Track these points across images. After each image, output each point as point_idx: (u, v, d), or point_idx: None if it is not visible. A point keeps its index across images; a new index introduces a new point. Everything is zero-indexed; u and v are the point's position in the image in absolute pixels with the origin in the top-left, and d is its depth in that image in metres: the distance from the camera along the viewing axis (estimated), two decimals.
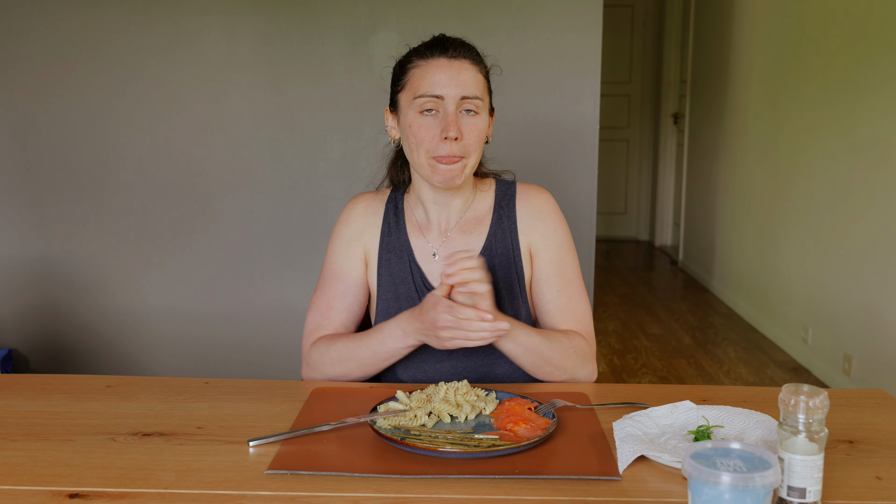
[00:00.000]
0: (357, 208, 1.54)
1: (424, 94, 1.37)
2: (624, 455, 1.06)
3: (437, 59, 1.38)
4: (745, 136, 4.73)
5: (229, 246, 2.97)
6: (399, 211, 1.53)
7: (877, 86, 3.14)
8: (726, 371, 3.78)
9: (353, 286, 1.49)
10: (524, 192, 1.52)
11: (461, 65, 1.38)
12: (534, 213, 1.49)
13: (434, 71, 1.37)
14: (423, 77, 1.38)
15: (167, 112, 2.89)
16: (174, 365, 3.04)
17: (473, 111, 1.38)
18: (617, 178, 7.14)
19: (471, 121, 1.38)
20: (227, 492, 1.00)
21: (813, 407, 0.92)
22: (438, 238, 1.50)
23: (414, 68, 1.40)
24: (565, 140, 2.84)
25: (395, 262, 1.49)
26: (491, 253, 1.47)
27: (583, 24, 2.77)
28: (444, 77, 1.37)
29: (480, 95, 1.39)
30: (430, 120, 1.38)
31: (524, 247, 1.49)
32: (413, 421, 1.17)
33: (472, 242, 1.49)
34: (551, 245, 1.48)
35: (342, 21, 2.81)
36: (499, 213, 1.50)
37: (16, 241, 2.97)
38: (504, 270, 1.47)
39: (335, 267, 1.51)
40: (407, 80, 1.41)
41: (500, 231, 1.49)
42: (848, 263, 3.40)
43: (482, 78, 1.41)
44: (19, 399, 1.32)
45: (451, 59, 1.38)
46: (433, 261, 1.49)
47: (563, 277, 1.47)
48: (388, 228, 1.51)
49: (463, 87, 1.37)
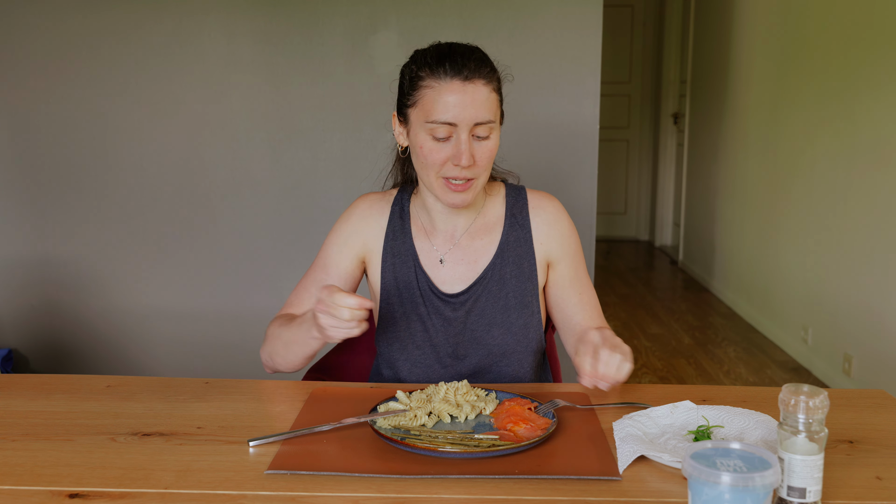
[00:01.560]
0: (362, 207, 1.53)
1: (436, 120, 1.32)
2: (624, 455, 1.06)
3: (451, 83, 1.32)
4: (745, 136, 4.73)
5: (229, 246, 2.97)
6: (405, 214, 1.52)
7: (877, 86, 3.14)
8: (726, 371, 3.78)
9: (335, 278, 1.49)
10: (537, 201, 1.51)
11: (475, 88, 1.33)
12: (550, 223, 1.50)
13: (447, 95, 1.32)
14: (436, 101, 1.32)
15: (167, 112, 2.89)
16: (174, 365, 3.04)
17: (486, 136, 1.35)
18: (617, 178, 7.14)
19: (483, 144, 1.35)
20: (227, 492, 1.00)
21: (813, 407, 0.92)
22: (446, 244, 1.49)
23: (426, 88, 1.34)
24: (565, 140, 2.84)
25: (399, 267, 1.48)
26: (503, 260, 1.47)
27: (583, 24, 2.77)
28: (457, 103, 1.32)
29: (493, 117, 1.35)
30: (441, 145, 1.34)
31: (540, 256, 1.49)
32: (413, 421, 1.17)
33: (482, 249, 1.48)
34: (568, 253, 1.50)
35: (342, 21, 2.81)
36: (511, 221, 1.49)
37: (16, 241, 2.97)
38: (516, 279, 1.47)
39: (324, 256, 1.51)
40: (418, 98, 1.36)
41: (512, 239, 1.48)
42: (848, 263, 3.40)
43: (495, 95, 1.37)
44: (19, 399, 1.32)
45: (465, 82, 1.32)
46: (440, 266, 1.48)
47: (580, 281, 1.51)
48: (393, 231, 1.50)
49: (477, 113, 1.32)
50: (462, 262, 1.48)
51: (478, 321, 1.46)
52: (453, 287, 1.47)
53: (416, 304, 1.47)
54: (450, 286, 1.47)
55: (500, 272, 1.46)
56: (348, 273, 1.50)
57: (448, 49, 1.36)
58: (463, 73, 1.32)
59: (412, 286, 1.47)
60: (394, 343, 1.48)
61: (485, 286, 1.46)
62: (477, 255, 1.48)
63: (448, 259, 1.48)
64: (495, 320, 1.45)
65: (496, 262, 1.46)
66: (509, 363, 1.46)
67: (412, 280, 1.47)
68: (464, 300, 1.46)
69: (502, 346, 1.45)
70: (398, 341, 1.48)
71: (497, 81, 1.38)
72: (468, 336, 1.46)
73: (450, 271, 1.48)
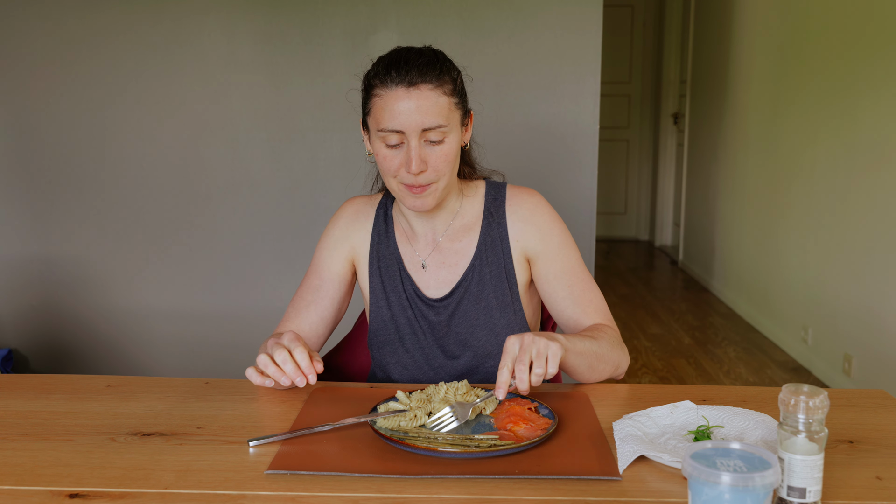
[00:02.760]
0: (348, 211, 1.55)
1: (385, 128, 1.32)
2: (624, 455, 1.06)
3: (396, 90, 1.30)
4: (745, 136, 4.73)
5: (229, 246, 2.97)
6: (388, 218, 1.52)
7: (877, 86, 3.14)
8: (726, 371, 3.78)
9: (328, 282, 1.50)
10: (514, 197, 1.49)
11: (420, 93, 1.30)
12: (525, 218, 1.47)
13: (393, 103, 1.30)
14: (384, 109, 1.31)
15: (167, 112, 2.89)
16: (174, 365, 3.04)
17: (439, 140, 1.33)
18: (617, 178, 7.14)
19: (436, 149, 1.33)
20: (227, 492, 1.00)
21: (813, 407, 0.92)
22: (426, 247, 1.49)
23: (375, 97, 1.34)
24: (565, 140, 2.84)
25: (385, 271, 1.50)
26: (481, 262, 1.46)
27: (583, 24, 2.77)
28: (403, 110, 1.30)
29: (444, 122, 1.32)
30: (394, 152, 1.34)
31: (517, 253, 1.47)
32: (413, 421, 1.17)
33: (462, 251, 1.48)
34: (550, 245, 1.46)
35: (342, 21, 2.81)
36: (488, 220, 1.48)
37: (16, 241, 2.97)
38: (495, 279, 1.46)
39: (317, 262, 1.52)
40: (371, 107, 1.35)
41: (489, 239, 1.47)
42: (848, 263, 3.40)
43: (446, 99, 1.33)
44: (19, 399, 1.32)
45: (410, 88, 1.30)
46: (423, 271, 1.49)
47: (570, 273, 1.46)
48: (378, 236, 1.51)
49: (424, 118, 1.30)
50: (443, 266, 1.48)
51: (461, 324, 1.46)
52: (437, 291, 1.48)
53: (404, 308, 1.47)
54: (433, 290, 1.48)
55: (479, 273, 1.46)
56: (341, 277, 1.52)
57: (396, 56, 1.34)
58: (406, 79, 1.30)
59: (398, 290, 1.48)
60: (384, 347, 1.49)
61: (466, 288, 1.46)
62: (457, 258, 1.47)
63: (430, 263, 1.48)
64: (478, 322, 1.45)
65: (475, 264, 1.46)
66: (495, 363, 1.46)
67: (398, 284, 1.48)
68: (447, 304, 1.46)
69: (487, 348, 1.45)
70: (388, 345, 1.49)
71: (451, 83, 1.35)
72: (453, 339, 1.47)
73: (433, 276, 1.48)
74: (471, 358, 1.46)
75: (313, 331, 1.49)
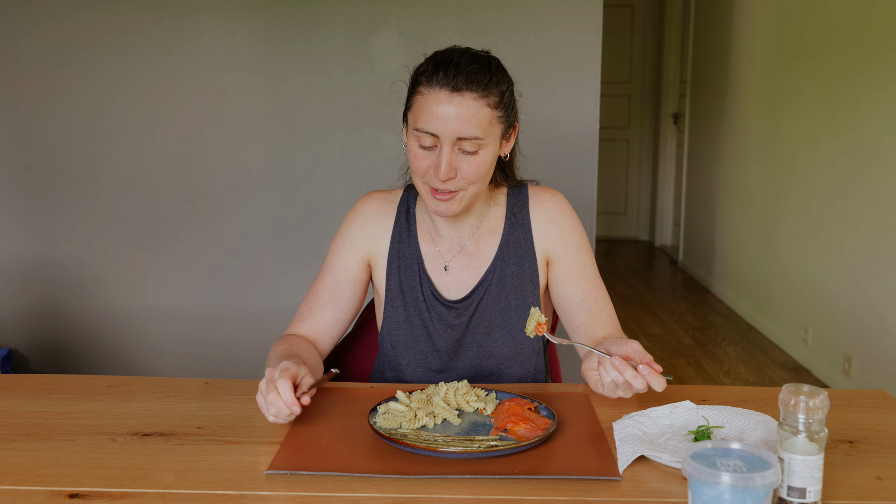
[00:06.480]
0: (366, 209, 1.51)
1: (420, 129, 1.29)
2: (624, 455, 1.06)
3: (439, 92, 1.27)
4: (745, 136, 4.73)
5: (229, 246, 2.97)
6: (411, 216, 1.50)
7: (877, 86, 3.14)
8: (726, 371, 3.78)
9: (343, 281, 1.47)
10: (537, 198, 1.48)
11: (462, 100, 1.27)
12: (549, 219, 1.47)
13: (433, 105, 1.27)
14: (423, 109, 1.29)
15: (167, 112, 2.89)
16: (174, 365, 3.04)
17: (473, 151, 1.30)
18: (617, 178, 7.14)
19: (469, 159, 1.30)
20: (227, 492, 1.00)
21: (813, 407, 0.92)
22: (451, 250, 1.47)
23: (418, 94, 1.31)
24: (565, 140, 2.84)
25: (404, 270, 1.47)
26: (503, 262, 1.45)
27: (583, 24, 2.77)
28: (442, 114, 1.27)
29: (482, 134, 1.28)
30: (426, 153, 1.31)
31: (540, 254, 1.46)
32: (413, 422, 1.17)
33: (485, 253, 1.46)
34: (570, 248, 1.46)
35: (342, 21, 2.81)
36: (511, 221, 1.47)
37: (16, 241, 2.97)
38: (517, 280, 1.45)
39: (331, 260, 1.49)
40: (412, 104, 1.33)
41: (512, 239, 1.46)
42: (848, 263, 3.40)
43: (489, 111, 1.29)
44: (19, 399, 1.32)
45: (453, 93, 1.27)
46: (444, 273, 1.47)
47: (586, 278, 1.46)
48: (400, 234, 1.48)
49: (461, 126, 1.27)
50: (466, 269, 1.47)
51: (478, 324, 1.45)
52: (457, 293, 1.46)
53: (420, 309, 1.46)
54: (454, 293, 1.46)
55: (500, 274, 1.45)
56: (357, 278, 1.49)
57: (448, 56, 1.31)
58: (452, 83, 1.27)
59: (416, 291, 1.46)
60: (398, 346, 1.47)
61: (486, 289, 1.45)
62: (481, 261, 1.46)
63: (453, 266, 1.47)
64: (495, 323, 1.44)
65: (496, 265, 1.45)
66: (511, 365, 1.46)
67: (416, 285, 1.46)
68: (466, 305, 1.45)
69: (503, 349, 1.45)
70: (402, 344, 1.47)
71: (497, 96, 1.31)
72: (469, 339, 1.46)
73: (454, 278, 1.46)
74: (485, 359, 1.45)
75: (328, 332, 1.46)
